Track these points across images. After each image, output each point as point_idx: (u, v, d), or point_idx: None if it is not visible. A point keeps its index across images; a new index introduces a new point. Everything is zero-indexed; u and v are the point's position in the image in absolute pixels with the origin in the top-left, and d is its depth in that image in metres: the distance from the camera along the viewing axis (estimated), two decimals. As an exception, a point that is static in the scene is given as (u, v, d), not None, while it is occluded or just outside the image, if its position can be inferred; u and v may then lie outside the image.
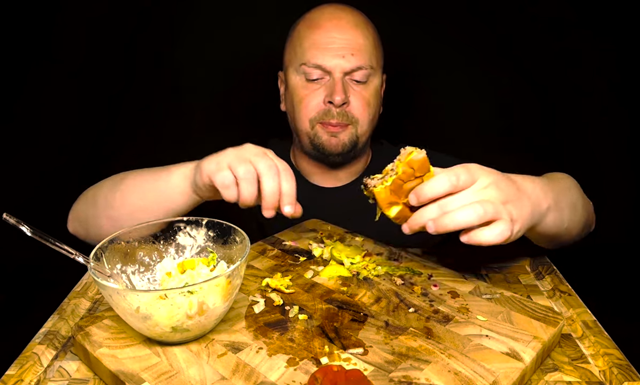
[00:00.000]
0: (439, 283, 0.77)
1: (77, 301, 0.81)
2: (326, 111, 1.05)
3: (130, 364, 0.61)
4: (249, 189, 0.74)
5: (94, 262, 0.65)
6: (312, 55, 1.04)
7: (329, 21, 1.06)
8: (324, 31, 1.05)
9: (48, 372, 0.66)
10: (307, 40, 1.06)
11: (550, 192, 0.77)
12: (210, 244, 0.75)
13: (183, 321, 0.60)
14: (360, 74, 1.05)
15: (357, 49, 1.04)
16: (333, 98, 1.03)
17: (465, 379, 0.57)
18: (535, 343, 0.63)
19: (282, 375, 0.58)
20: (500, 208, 0.66)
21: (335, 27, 1.05)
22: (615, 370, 0.63)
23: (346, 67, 1.04)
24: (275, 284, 0.77)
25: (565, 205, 0.81)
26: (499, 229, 0.66)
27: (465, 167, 0.68)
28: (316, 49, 1.04)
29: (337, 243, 0.90)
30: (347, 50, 1.03)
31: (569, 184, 0.90)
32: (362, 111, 1.07)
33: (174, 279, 0.70)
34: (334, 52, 1.03)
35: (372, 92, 1.08)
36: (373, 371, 0.59)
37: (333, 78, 1.04)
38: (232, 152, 0.77)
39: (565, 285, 0.85)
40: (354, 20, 1.07)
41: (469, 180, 0.67)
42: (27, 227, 0.63)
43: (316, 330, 0.67)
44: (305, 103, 1.07)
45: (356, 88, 1.06)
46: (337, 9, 1.09)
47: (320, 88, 1.06)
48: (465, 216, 0.64)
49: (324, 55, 1.04)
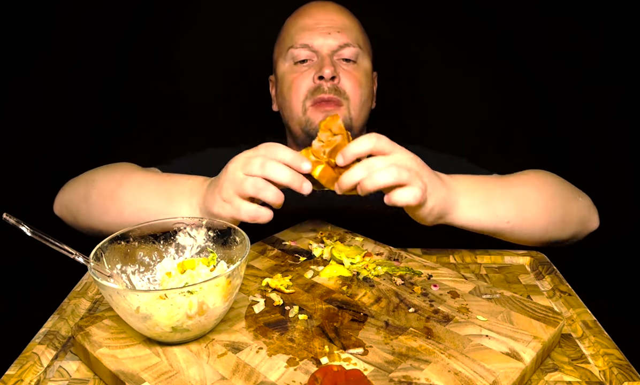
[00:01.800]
0: (439, 283, 0.77)
1: (77, 301, 0.81)
2: (317, 87, 1.04)
3: (130, 364, 0.61)
4: (271, 193, 0.74)
5: (94, 262, 0.65)
6: (299, 37, 1.07)
7: (314, 8, 1.11)
8: (309, 16, 1.09)
9: (48, 372, 0.66)
10: (294, 26, 1.10)
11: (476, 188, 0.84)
12: (210, 244, 0.75)
13: (183, 321, 0.60)
14: (348, 52, 1.06)
15: (342, 27, 1.07)
16: (322, 72, 1.02)
17: (465, 379, 0.57)
18: (535, 343, 0.63)
19: (282, 375, 0.58)
20: (415, 176, 0.73)
21: (321, 12, 1.09)
22: (615, 370, 0.63)
23: (333, 45, 1.06)
24: (275, 284, 0.77)
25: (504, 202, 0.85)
26: (412, 191, 0.73)
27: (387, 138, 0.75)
28: (303, 30, 1.07)
29: (337, 243, 0.90)
30: (333, 28, 1.06)
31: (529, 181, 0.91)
32: (354, 89, 1.06)
33: (174, 279, 0.70)
34: (321, 31, 1.06)
35: (362, 72, 1.09)
36: (373, 371, 0.59)
37: (321, 55, 1.05)
38: (227, 184, 0.76)
39: (565, 285, 0.85)
40: (339, 7, 1.13)
41: (389, 147, 0.74)
42: (27, 227, 0.63)
43: (316, 330, 0.67)
44: (295, 86, 1.06)
45: (346, 67, 1.07)
46: (324, 2, 1.14)
47: (308, 69, 1.06)
48: (383, 177, 0.71)
49: (311, 35, 1.06)
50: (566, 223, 0.93)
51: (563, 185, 0.95)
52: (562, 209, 0.92)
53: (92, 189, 0.93)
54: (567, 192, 0.95)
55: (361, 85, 1.07)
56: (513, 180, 0.91)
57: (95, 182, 0.94)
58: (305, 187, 0.75)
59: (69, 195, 0.97)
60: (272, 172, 0.73)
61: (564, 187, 0.95)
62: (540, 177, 0.93)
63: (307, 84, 1.05)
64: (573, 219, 0.94)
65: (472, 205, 0.82)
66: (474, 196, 0.83)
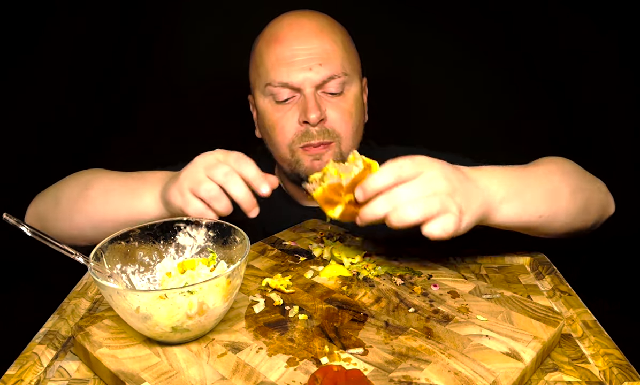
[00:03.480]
0: (439, 283, 0.77)
1: (77, 301, 0.81)
2: (304, 133, 0.95)
3: (130, 364, 0.61)
4: (221, 205, 0.75)
5: (94, 262, 0.65)
6: (276, 74, 0.95)
7: (289, 32, 0.96)
8: (284, 44, 0.95)
9: (48, 372, 0.66)
10: (269, 58, 0.96)
11: (510, 182, 0.75)
12: (210, 244, 0.75)
13: (183, 321, 0.60)
14: (334, 85, 0.95)
15: (324, 57, 0.94)
16: (307, 117, 0.93)
17: (465, 379, 0.57)
18: (535, 343, 0.63)
19: (282, 375, 0.58)
20: (446, 201, 0.65)
21: (297, 38, 0.95)
22: (615, 370, 0.63)
23: (316, 80, 0.94)
24: (275, 284, 0.77)
25: (535, 194, 0.77)
26: (443, 224, 0.65)
27: (411, 158, 0.67)
28: (279, 65, 0.94)
29: (337, 243, 0.90)
30: (313, 60, 0.93)
31: (552, 169, 0.83)
32: (344, 125, 0.97)
33: (174, 279, 0.70)
34: (300, 66, 0.93)
35: (352, 101, 0.98)
36: (373, 371, 0.59)
37: (304, 94, 0.94)
38: (187, 177, 0.76)
39: (565, 285, 0.85)
40: (318, 26, 0.97)
41: (413, 171, 0.66)
42: (27, 227, 0.64)
43: (316, 330, 0.67)
44: (279, 128, 0.97)
45: (332, 100, 0.96)
46: (297, 16, 0.99)
47: (292, 108, 0.96)
48: (410, 214, 0.64)
49: (289, 71, 0.94)
50: (590, 210, 0.87)
51: (582, 172, 0.90)
52: (586, 196, 0.86)
53: (61, 194, 0.94)
54: (587, 178, 0.89)
55: (351, 116, 0.98)
56: (537, 170, 0.82)
57: (63, 188, 0.95)
58: (253, 213, 0.76)
59: (38, 207, 0.97)
60: (232, 186, 0.74)
61: (583, 173, 0.90)
62: (560, 165, 0.86)
63: (292, 127, 0.96)
64: (595, 205, 0.89)
65: (507, 203, 0.74)
66: (508, 193, 0.74)
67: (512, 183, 0.75)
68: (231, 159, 0.75)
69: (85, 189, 0.90)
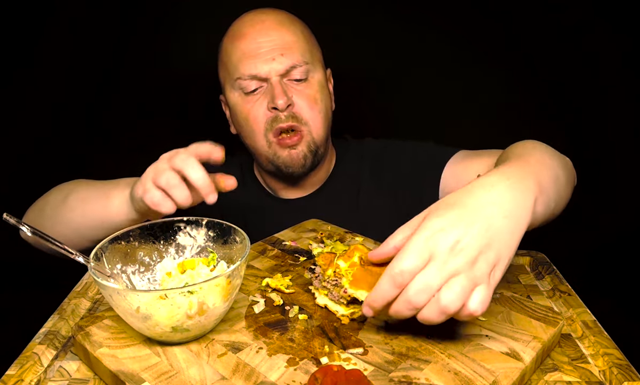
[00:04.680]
0: (439, 283, 0.77)
1: (77, 301, 0.81)
2: (274, 118, 1.02)
3: (130, 364, 0.61)
4: (181, 193, 0.74)
5: (94, 262, 0.65)
6: (243, 67, 1.02)
7: (251, 27, 1.03)
8: (248, 39, 1.02)
9: (48, 372, 0.66)
10: (235, 53, 1.03)
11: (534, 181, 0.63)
12: (210, 244, 0.75)
13: (183, 321, 0.61)
14: (297, 72, 1.02)
15: (286, 47, 1.02)
16: (275, 102, 1.00)
17: (465, 379, 0.57)
18: (535, 343, 0.63)
19: (282, 375, 0.58)
20: (472, 273, 0.54)
21: (259, 32, 1.02)
22: (615, 370, 0.63)
23: (280, 69, 1.01)
24: (275, 284, 0.77)
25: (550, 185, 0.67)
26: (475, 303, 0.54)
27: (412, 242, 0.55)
28: (246, 58, 1.01)
29: (337, 243, 0.90)
30: (276, 51, 1.01)
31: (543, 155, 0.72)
32: (310, 110, 1.03)
33: (174, 279, 0.70)
34: (264, 57, 1.01)
35: (317, 87, 1.05)
36: (373, 371, 0.59)
37: (271, 83, 1.01)
38: (150, 169, 0.78)
39: (565, 285, 0.85)
40: (277, 20, 1.04)
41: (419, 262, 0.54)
42: (27, 227, 0.64)
43: (316, 330, 0.67)
44: (251, 117, 1.04)
45: (298, 87, 1.03)
46: (258, 13, 1.06)
47: (260, 98, 1.03)
48: (430, 315, 0.55)
49: (255, 63, 1.01)
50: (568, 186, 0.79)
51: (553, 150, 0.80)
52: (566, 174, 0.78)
53: (45, 204, 0.99)
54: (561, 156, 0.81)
55: (317, 101, 1.04)
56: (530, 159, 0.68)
57: (47, 199, 1.00)
58: (211, 197, 0.75)
59: (28, 217, 1.02)
60: (190, 170, 0.73)
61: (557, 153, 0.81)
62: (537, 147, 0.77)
63: (263, 115, 1.03)
64: (570, 181, 0.81)
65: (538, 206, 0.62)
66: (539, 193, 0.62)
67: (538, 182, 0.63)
68: (191, 147, 0.77)
69: (65, 198, 0.95)
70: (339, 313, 0.69)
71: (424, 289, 0.54)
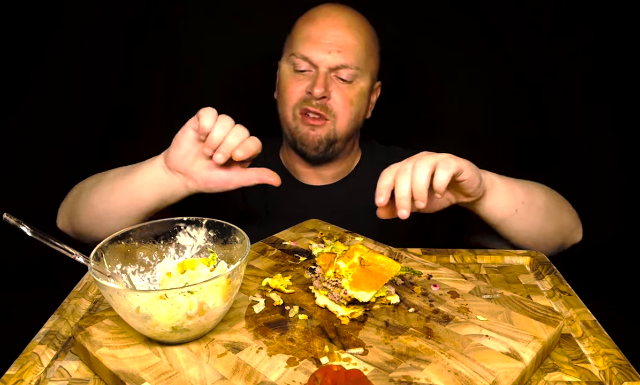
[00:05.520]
0: (439, 283, 0.77)
1: (77, 301, 0.81)
2: (306, 98, 1.09)
3: (131, 364, 0.61)
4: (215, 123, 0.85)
5: (94, 262, 0.65)
6: (302, 47, 1.09)
7: (324, 17, 1.10)
8: (317, 26, 1.10)
9: (48, 372, 0.66)
10: (301, 33, 1.11)
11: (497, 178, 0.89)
12: (211, 244, 0.75)
13: (183, 321, 0.61)
14: (345, 73, 1.09)
15: (344, 47, 1.08)
16: (313, 90, 1.07)
17: (465, 379, 0.57)
18: (535, 343, 0.63)
19: (282, 375, 0.59)
20: (434, 158, 0.77)
21: (329, 25, 1.09)
22: (615, 370, 0.63)
23: (331, 63, 1.08)
24: (275, 284, 0.77)
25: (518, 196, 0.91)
26: (444, 167, 0.76)
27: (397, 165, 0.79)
28: (307, 41, 1.09)
29: (337, 243, 0.90)
30: (334, 46, 1.07)
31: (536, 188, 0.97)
32: (343, 108, 1.10)
33: (174, 279, 0.70)
34: (322, 47, 1.08)
35: (357, 92, 1.11)
36: (373, 371, 0.59)
37: (318, 71, 1.08)
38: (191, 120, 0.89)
39: (565, 285, 0.85)
40: (348, 20, 1.11)
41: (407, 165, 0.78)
42: (27, 227, 0.63)
43: (316, 330, 0.67)
44: (289, 91, 1.11)
45: (340, 85, 1.10)
46: (336, 8, 1.13)
47: (304, 79, 1.10)
48: (421, 178, 0.76)
49: (313, 49, 1.08)
50: (560, 227, 1.00)
51: (559, 196, 1.04)
52: (559, 212, 1.00)
53: (81, 189, 1.03)
54: (563, 201, 1.03)
55: (352, 104, 1.11)
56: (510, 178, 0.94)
57: (82, 185, 1.04)
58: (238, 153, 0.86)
59: (65, 202, 1.07)
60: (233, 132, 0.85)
61: (560, 196, 1.04)
62: (541, 185, 1.01)
63: (299, 93, 1.10)
64: (565, 225, 1.02)
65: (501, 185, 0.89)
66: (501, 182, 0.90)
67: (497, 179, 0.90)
68: None
69: (98, 183, 0.99)
70: (339, 313, 0.69)
71: (409, 168, 0.77)
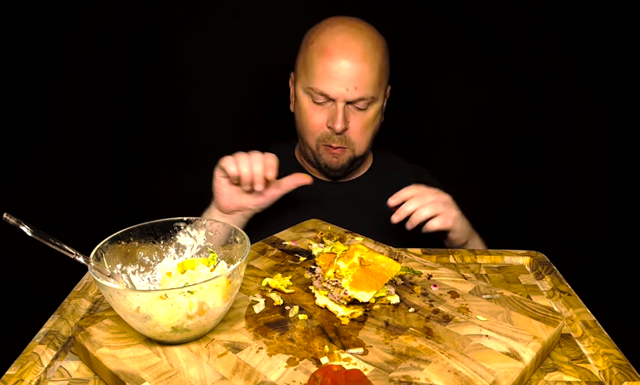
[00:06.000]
0: (439, 283, 0.77)
1: (77, 301, 0.81)
2: (328, 135, 1.15)
3: (131, 363, 0.61)
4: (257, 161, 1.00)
5: (94, 262, 0.65)
6: (319, 83, 1.11)
7: (340, 50, 1.10)
8: (333, 59, 1.10)
9: (48, 372, 0.66)
10: (317, 67, 1.12)
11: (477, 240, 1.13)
12: (211, 244, 0.75)
13: (183, 321, 0.61)
14: (362, 103, 1.13)
15: (361, 82, 1.10)
16: (334, 126, 1.12)
17: (465, 379, 0.57)
18: (535, 343, 0.63)
19: (282, 375, 0.59)
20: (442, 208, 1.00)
21: (346, 58, 1.09)
22: (615, 370, 0.63)
23: (348, 98, 1.11)
24: (275, 284, 0.77)
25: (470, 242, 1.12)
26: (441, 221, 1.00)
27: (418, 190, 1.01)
28: (325, 77, 1.10)
29: (337, 243, 0.90)
30: (352, 82, 1.10)
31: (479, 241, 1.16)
32: (360, 135, 1.16)
33: (174, 279, 0.70)
34: (340, 83, 1.10)
35: (372, 116, 1.16)
36: (373, 371, 0.59)
37: (336, 105, 1.12)
38: None
39: (565, 285, 0.85)
40: (363, 49, 1.10)
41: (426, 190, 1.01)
42: (27, 227, 0.63)
43: (316, 330, 0.67)
44: (311, 123, 1.16)
45: (357, 114, 1.14)
46: (350, 35, 1.11)
47: (324, 111, 1.14)
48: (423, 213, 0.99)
49: (331, 85, 1.10)
50: None
51: None
52: None
53: None
54: None
55: (368, 127, 1.17)
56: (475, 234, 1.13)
57: None
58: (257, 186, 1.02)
59: None
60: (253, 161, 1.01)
61: None
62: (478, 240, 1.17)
63: (320, 125, 1.15)
64: None
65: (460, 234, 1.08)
66: None
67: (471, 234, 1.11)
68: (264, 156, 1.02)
69: None
70: (339, 314, 0.69)
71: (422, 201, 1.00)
